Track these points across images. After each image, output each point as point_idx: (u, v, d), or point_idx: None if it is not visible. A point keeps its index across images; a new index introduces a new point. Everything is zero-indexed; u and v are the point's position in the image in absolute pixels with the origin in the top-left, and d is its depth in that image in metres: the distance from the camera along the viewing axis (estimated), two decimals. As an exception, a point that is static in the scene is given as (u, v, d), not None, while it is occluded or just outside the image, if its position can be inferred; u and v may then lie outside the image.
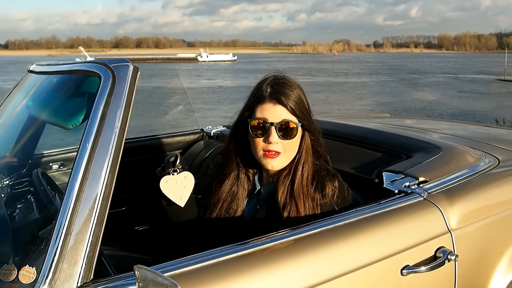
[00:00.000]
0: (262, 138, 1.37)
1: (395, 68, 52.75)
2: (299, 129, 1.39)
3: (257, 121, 1.37)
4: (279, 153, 1.38)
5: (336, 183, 1.41)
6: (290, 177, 1.41)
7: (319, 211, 1.38)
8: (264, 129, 1.36)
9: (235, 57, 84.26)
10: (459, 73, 42.53)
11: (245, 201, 1.47)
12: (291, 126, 1.37)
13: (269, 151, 1.37)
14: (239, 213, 1.46)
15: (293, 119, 1.37)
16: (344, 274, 1.23)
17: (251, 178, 1.49)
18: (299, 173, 1.41)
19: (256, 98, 1.39)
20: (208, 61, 76.72)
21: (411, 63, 70.45)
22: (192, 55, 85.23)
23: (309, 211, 1.38)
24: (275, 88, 1.38)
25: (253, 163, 1.47)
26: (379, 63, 71.89)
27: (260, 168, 1.48)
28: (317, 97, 20.52)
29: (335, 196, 1.40)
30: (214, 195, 1.48)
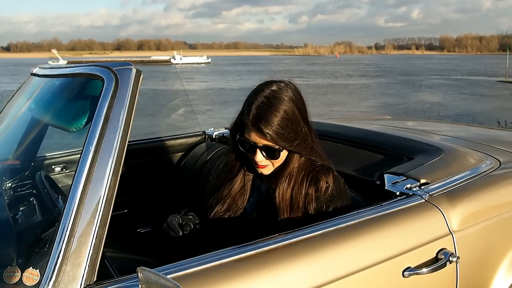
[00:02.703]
0: (250, 154, 1.42)
1: (385, 70, 52.85)
2: (283, 151, 1.41)
3: (243, 140, 1.41)
4: (267, 165, 1.42)
5: (330, 177, 1.42)
6: (281, 174, 1.43)
7: (314, 205, 1.39)
8: (250, 148, 1.40)
9: (209, 59, 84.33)
10: (457, 74, 42.66)
11: (248, 196, 1.51)
12: (273, 149, 1.38)
13: (257, 165, 1.42)
14: (242, 208, 1.50)
15: (274, 145, 1.38)
16: (346, 276, 1.24)
17: (251, 175, 1.53)
18: (289, 170, 1.43)
19: (243, 117, 1.40)
20: (182, 63, 76.09)
21: (403, 65, 70.41)
22: (166, 57, 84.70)
23: (304, 205, 1.40)
24: (259, 111, 1.36)
25: None
26: (371, 65, 71.81)
27: None
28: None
29: (330, 189, 1.41)
30: (224, 189, 1.51)
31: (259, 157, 1.39)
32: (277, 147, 1.38)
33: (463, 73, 46.09)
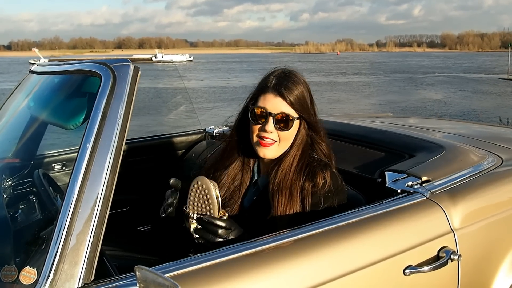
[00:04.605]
0: (260, 125, 1.43)
1: (379, 68, 52.93)
2: (296, 122, 1.43)
3: (257, 109, 1.43)
4: (273, 143, 1.43)
5: (328, 173, 1.42)
6: (279, 167, 1.44)
7: (310, 201, 1.39)
8: (262, 117, 1.42)
9: (191, 58, 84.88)
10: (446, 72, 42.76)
11: (246, 190, 1.51)
12: (288, 118, 1.41)
13: (264, 137, 1.42)
14: (239, 202, 1.50)
15: (291, 112, 1.42)
16: (347, 274, 1.23)
17: (251, 168, 1.53)
18: (287, 163, 1.44)
19: (261, 88, 1.46)
20: (163, 61, 76.06)
21: (397, 63, 70.26)
22: (147, 56, 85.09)
23: (299, 201, 1.40)
24: (279, 80, 1.44)
25: (254, 153, 1.51)
26: (366, 63, 71.60)
27: (258, 159, 1.52)
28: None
29: (327, 185, 1.40)
30: (218, 181, 1.49)
31: (270, 127, 1.40)
32: (292, 115, 1.41)
33: (458, 70, 46.12)
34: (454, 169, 1.66)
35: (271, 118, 1.41)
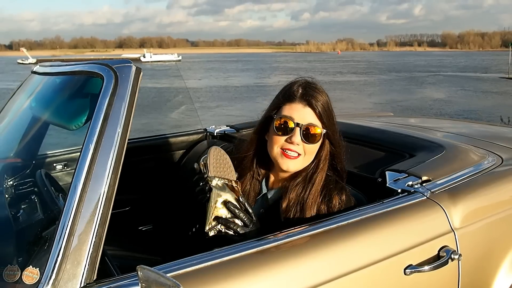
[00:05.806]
0: (285, 137, 1.36)
1: (374, 67, 53.07)
2: (322, 135, 1.39)
3: (283, 118, 1.36)
4: (298, 156, 1.37)
5: (344, 197, 1.40)
6: (302, 186, 1.40)
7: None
8: (288, 128, 1.36)
9: (180, 57, 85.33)
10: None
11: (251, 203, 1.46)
12: (315, 131, 1.36)
13: (289, 150, 1.36)
14: None
15: (319, 124, 1.37)
16: (347, 274, 1.23)
17: (259, 180, 1.49)
18: (313, 182, 1.40)
19: (287, 96, 1.40)
20: (152, 61, 76.28)
21: (394, 62, 70.16)
22: (136, 56, 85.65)
23: (312, 220, 1.36)
24: (306, 90, 1.38)
25: (265, 165, 1.47)
26: (362, 62, 71.36)
27: (268, 171, 1.48)
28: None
29: (341, 206, 1.39)
30: None
31: (297, 138, 1.34)
32: (320, 127, 1.37)
33: (454, 69, 46.08)
34: (454, 169, 1.67)
35: (298, 129, 1.35)
